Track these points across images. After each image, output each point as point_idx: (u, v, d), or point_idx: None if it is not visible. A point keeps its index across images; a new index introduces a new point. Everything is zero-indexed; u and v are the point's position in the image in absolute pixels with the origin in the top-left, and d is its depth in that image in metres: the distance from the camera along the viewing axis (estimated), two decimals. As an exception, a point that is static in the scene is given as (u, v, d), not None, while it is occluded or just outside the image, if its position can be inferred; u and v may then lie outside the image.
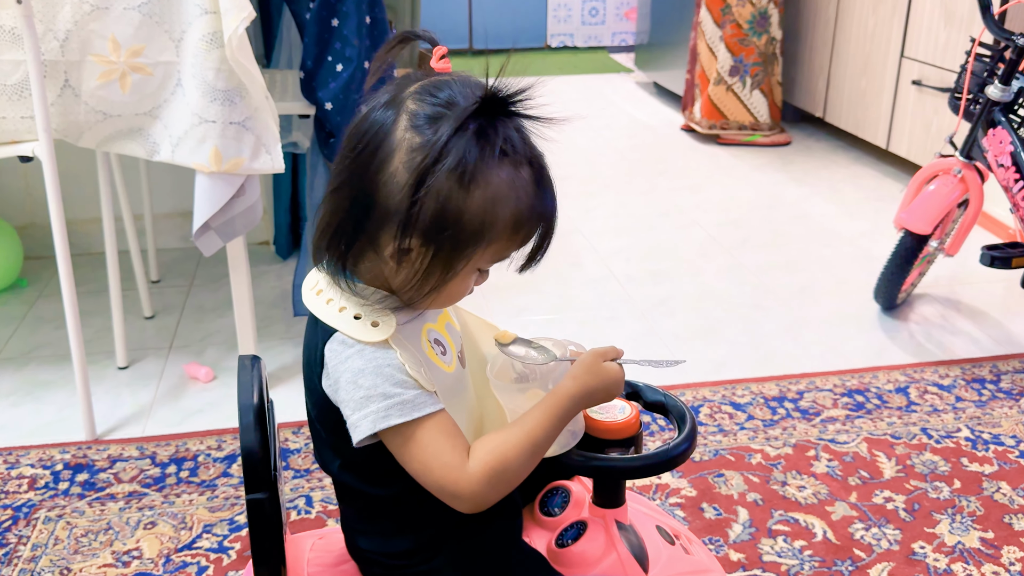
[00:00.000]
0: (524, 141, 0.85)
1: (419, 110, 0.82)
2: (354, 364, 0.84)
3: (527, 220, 0.85)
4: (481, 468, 0.84)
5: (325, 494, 1.70)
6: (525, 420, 0.87)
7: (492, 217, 0.83)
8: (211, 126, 1.72)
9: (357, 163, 0.83)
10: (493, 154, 0.81)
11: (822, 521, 1.63)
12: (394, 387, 0.84)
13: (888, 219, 2.97)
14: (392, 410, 0.83)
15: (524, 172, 0.84)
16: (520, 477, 0.86)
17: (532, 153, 0.85)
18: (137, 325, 2.35)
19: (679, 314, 2.43)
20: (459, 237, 0.82)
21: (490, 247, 0.85)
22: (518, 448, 0.85)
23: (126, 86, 1.73)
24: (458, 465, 0.84)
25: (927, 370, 2.15)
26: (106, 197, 2.04)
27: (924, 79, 3.23)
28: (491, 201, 0.82)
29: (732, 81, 3.80)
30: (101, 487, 1.73)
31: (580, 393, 0.88)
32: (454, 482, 0.84)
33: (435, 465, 0.84)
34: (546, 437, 0.87)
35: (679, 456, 0.94)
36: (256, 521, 0.89)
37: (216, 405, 2.00)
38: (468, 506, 0.85)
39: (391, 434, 0.84)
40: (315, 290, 0.90)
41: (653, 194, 3.38)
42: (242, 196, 1.80)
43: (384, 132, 0.82)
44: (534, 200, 0.85)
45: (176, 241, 2.78)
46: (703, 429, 1.91)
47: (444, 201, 0.81)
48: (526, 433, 0.86)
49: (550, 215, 0.88)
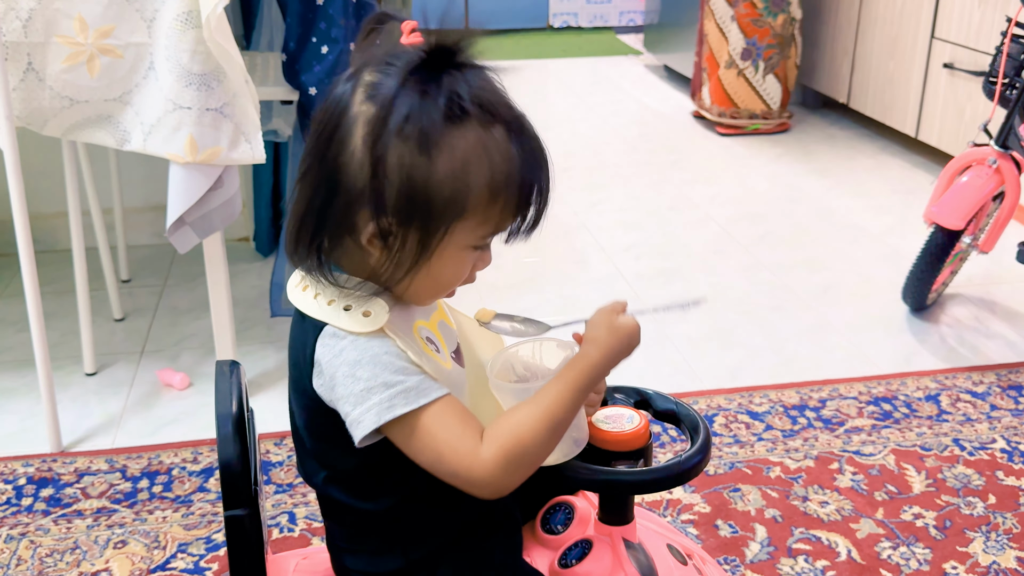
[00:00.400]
0: (486, 93, 0.83)
1: (374, 80, 0.82)
2: (349, 356, 0.84)
3: (505, 186, 0.84)
4: (496, 451, 0.83)
5: (309, 510, 1.70)
6: (543, 396, 0.86)
7: (463, 185, 0.82)
8: (186, 113, 1.72)
9: (319, 146, 0.84)
10: (445, 112, 0.80)
11: (846, 539, 1.64)
12: (395, 375, 0.83)
13: (917, 213, 2.98)
14: (396, 399, 0.83)
15: (497, 132, 0.83)
16: (540, 458, 0.86)
17: (505, 111, 0.84)
18: (106, 328, 2.35)
19: (692, 316, 2.43)
20: (429, 212, 0.82)
21: (470, 220, 0.84)
22: (536, 427, 0.84)
23: (94, 70, 1.73)
24: (471, 450, 0.83)
25: (960, 376, 2.15)
26: (72, 190, 2.04)
27: (956, 62, 3.23)
28: (460, 167, 0.81)
29: (744, 65, 3.80)
30: (67, 503, 1.73)
31: (604, 357, 0.87)
32: (468, 468, 0.83)
33: (447, 452, 0.83)
34: (566, 413, 0.86)
35: (692, 469, 0.94)
36: (235, 540, 0.89)
37: (192, 414, 2.00)
38: (487, 492, 0.85)
39: (397, 427, 0.84)
40: (300, 286, 0.90)
41: (664, 186, 3.38)
42: (220, 188, 1.80)
43: (342, 108, 0.83)
44: (511, 162, 0.83)
45: (148, 237, 2.78)
46: (718, 440, 1.91)
47: (408, 172, 0.81)
48: (544, 410, 0.85)
49: (533, 177, 0.85)
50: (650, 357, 2.23)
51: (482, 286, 0.84)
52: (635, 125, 4.10)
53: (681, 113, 4.24)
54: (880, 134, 3.91)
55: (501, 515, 1.00)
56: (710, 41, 3.80)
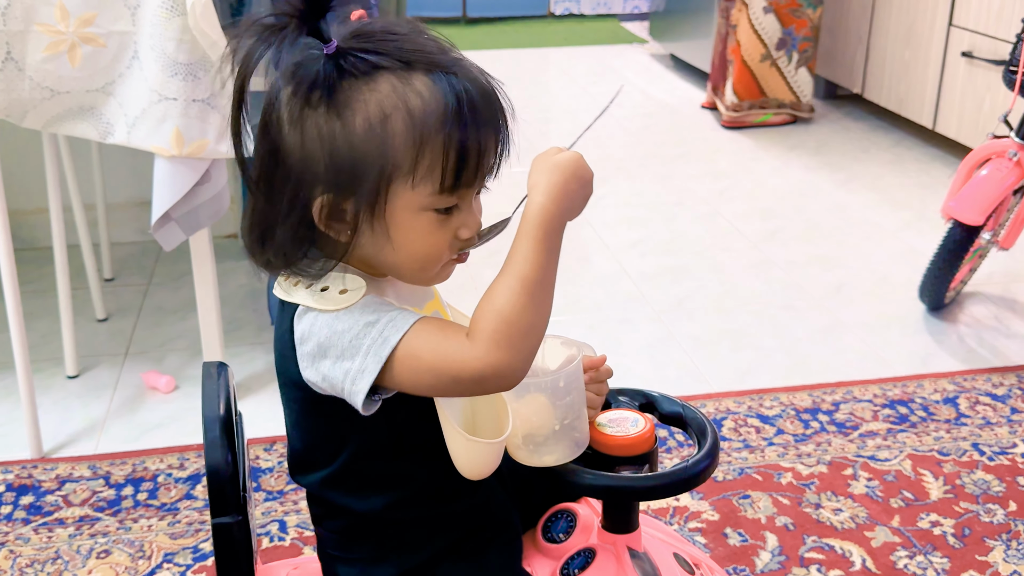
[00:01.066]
0: (398, 46, 0.82)
1: (292, 58, 0.83)
2: (325, 319, 0.85)
3: (432, 133, 0.82)
4: (484, 336, 0.81)
5: (300, 518, 1.70)
6: (507, 263, 0.83)
7: (384, 137, 0.81)
8: (172, 104, 1.72)
9: (263, 138, 0.85)
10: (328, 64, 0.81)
11: (861, 548, 1.64)
12: (375, 313, 0.84)
13: (935, 208, 2.98)
14: (387, 330, 0.83)
15: (415, 80, 0.82)
16: (534, 325, 0.82)
17: (419, 56, 0.83)
18: (89, 329, 2.35)
19: (700, 316, 2.44)
20: (364, 174, 0.82)
21: (409, 176, 0.82)
22: (512, 296, 0.81)
23: (76, 59, 1.73)
24: (459, 348, 0.82)
25: (979, 378, 2.15)
26: (53, 185, 2.04)
27: (975, 50, 3.23)
28: (377, 121, 0.81)
29: (778, 56, 3.81)
30: (48, 511, 1.73)
31: (551, 198, 0.83)
32: (463, 367, 0.81)
33: (442, 364, 0.82)
34: (538, 272, 0.82)
35: (699, 475, 0.94)
36: (223, 549, 0.90)
37: (178, 418, 2.01)
38: (496, 380, 0.82)
39: (393, 368, 0.82)
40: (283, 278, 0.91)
41: (671, 181, 3.38)
42: (207, 183, 1.80)
43: (273, 95, 0.84)
44: (434, 107, 0.81)
45: (132, 234, 2.78)
46: (727, 445, 1.91)
47: (328, 139, 0.82)
48: (512, 276, 0.82)
49: (465, 122, 0.82)
50: (656, 358, 2.23)
51: (482, 287, 0.84)
52: (640, 117, 4.10)
53: (689, 105, 4.24)
54: (895, 126, 3.91)
55: (499, 522, 1.00)
56: (739, 33, 3.79)
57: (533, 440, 0.94)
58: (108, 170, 2.58)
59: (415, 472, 0.91)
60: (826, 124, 3.99)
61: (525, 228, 0.83)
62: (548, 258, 0.83)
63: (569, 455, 0.94)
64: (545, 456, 0.94)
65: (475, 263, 1.00)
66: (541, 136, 3.76)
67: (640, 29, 5.77)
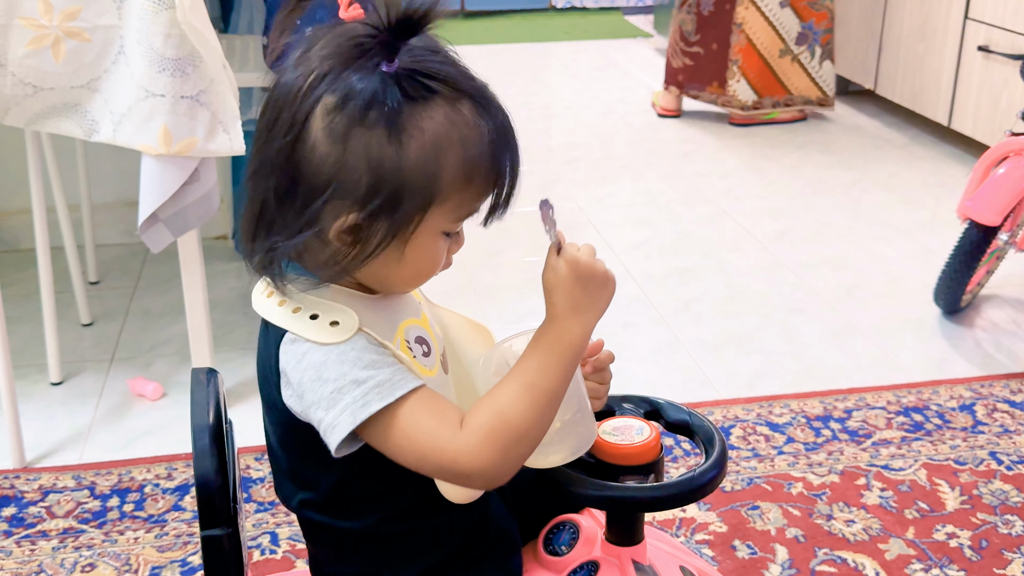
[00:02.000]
0: (448, 69, 0.83)
1: (329, 65, 0.82)
2: (314, 359, 0.84)
3: (480, 165, 0.84)
4: (479, 433, 0.82)
5: (293, 531, 1.70)
6: (517, 366, 0.85)
7: (436, 168, 0.82)
8: (159, 101, 1.72)
9: (273, 138, 0.84)
10: (411, 95, 0.81)
11: (874, 561, 1.64)
12: (365, 370, 0.83)
13: (950, 208, 2.97)
14: (371, 395, 0.83)
15: (464, 108, 0.83)
16: (530, 435, 0.84)
17: (469, 85, 0.84)
18: (73, 334, 2.35)
19: (707, 319, 2.44)
20: (403, 199, 0.82)
21: (445, 204, 0.84)
22: (515, 399, 0.83)
23: (60, 54, 1.73)
24: (451, 438, 0.82)
25: (996, 384, 2.15)
26: (36, 185, 2.04)
27: (992, 44, 3.23)
28: (431, 150, 0.82)
29: (799, 51, 3.82)
30: (31, 523, 1.73)
31: (559, 308, 0.86)
32: (453, 460, 0.82)
33: (428, 447, 0.82)
34: (546, 380, 0.84)
35: (707, 485, 0.94)
36: (213, 562, 0.89)
37: (165, 427, 2.00)
38: (480, 480, 0.83)
39: (372, 428, 0.83)
40: (265, 292, 0.90)
41: (676, 179, 3.38)
42: (196, 182, 1.80)
43: (294, 97, 0.83)
44: (482, 139, 0.84)
45: (118, 236, 2.78)
46: (735, 454, 1.91)
47: (377, 161, 0.81)
48: (518, 380, 0.84)
49: (505, 153, 0.86)
50: (661, 364, 2.23)
51: (480, 288, 0.84)
52: (645, 113, 4.10)
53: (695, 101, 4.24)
54: (909, 123, 3.91)
55: (497, 533, 1.00)
56: (749, 30, 3.79)
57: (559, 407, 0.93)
58: (93, 169, 2.58)
59: (405, 486, 0.91)
60: (837, 121, 3.99)
61: (544, 340, 0.86)
62: (562, 373, 0.85)
63: (576, 452, 0.93)
64: (551, 456, 0.93)
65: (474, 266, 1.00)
66: (542, 134, 3.76)
67: (645, 23, 5.77)
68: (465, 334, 1.03)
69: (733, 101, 3.88)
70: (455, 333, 1.02)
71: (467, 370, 1.01)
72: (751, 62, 3.82)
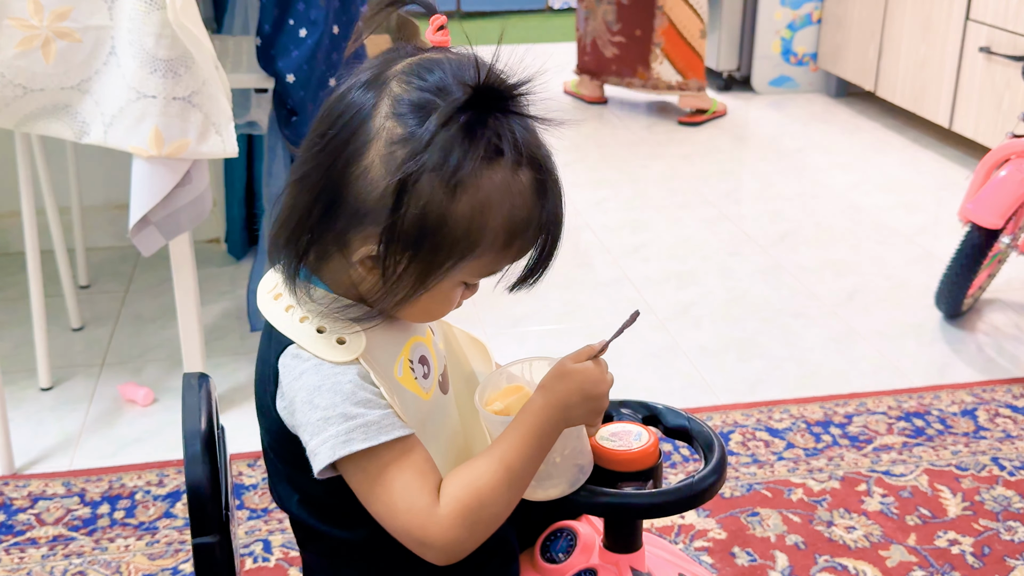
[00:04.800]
0: (525, 137, 0.84)
1: (403, 95, 0.82)
2: (309, 380, 0.85)
3: (522, 232, 0.86)
4: (454, 508, 0.84)
5: (286, 538, 1.70)
6: (497, 447, 0.87)
7: (479, 226, 0.83)
8: (151, 102, 1.71)
9: (327, 151, 0.84)
10: (482, 154, 0.81)
11: (875, 568, 1.64)
12: (355, 406, 0.84)
13: (952, 211, 2.98)
14: (355, 432, 0.83)
15: (523, 175, 0.84)
16: (499, 517, 0.87)
17: (534, 152, 0.85)
18: (63, 338, 2.34)
19: (706, 324, 2.44)
20: (439, 247, 0.83)
21: (476, 260, 0.85)
22: (494, 480, 0.85)
23: (50, 55, 1.72)
24: (427, 507, 0.84)
25: (999, 389, 2.15)
26: (26, 187, 2.03)
27: (994, 46, 3.24)
28: (480, 208, 0.82)
29: None
30: (20, 530, 1.73)
31: (552, 404, 0.88)
32: (421, 528, 0.84)
33: (401, 507, 0.84)
34: (523, 465, 0.87)
35: (706, 491, 0.94)
36: (204, 570, 0.89)
37: (156, 433, 2.00)
38: (441, 556, 0.85)
39: (351, 465, 0.84)
40: (273, 294, 0.90)
41: (675, 182, 3.38)
42: (188, 185, 1.80)
43: (361, 117, 0.83)
44: (532, 208, 0.85)
45: (109, 239, 2.78)
46: (734, 459, 1.91)
47: (425, 205, 0.81)
48: (499, 461, 0.86)
49: (552, 226, 0.87)
50: (660, 369, 2.23)
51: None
52: (643, 115, 4.10)
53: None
54: (910, 125, 3.92)
55: (495, 541, 1.00)
56: (669, 11, 3.88)
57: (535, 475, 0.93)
58: (84, 172, 2.58)
59: None
60: (837, 123, 4.00)
61: (522, 419, 0.88)
62: (534, 454, 0.88)
63: (575, 484, 0.93)
64: (550, 489, 0.93)
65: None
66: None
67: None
68: (464, 348, 1.04)
69: (659, 83, 3.98)
70: (455, 347, 1.03)
71: (466, 383, 1.02)
72: (673, 43, 3.90)
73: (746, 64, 4.38)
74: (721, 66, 4.38)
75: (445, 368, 0.98)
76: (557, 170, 0.87)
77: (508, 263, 0.88)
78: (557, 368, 0.90)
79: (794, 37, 4.28)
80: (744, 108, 4.22)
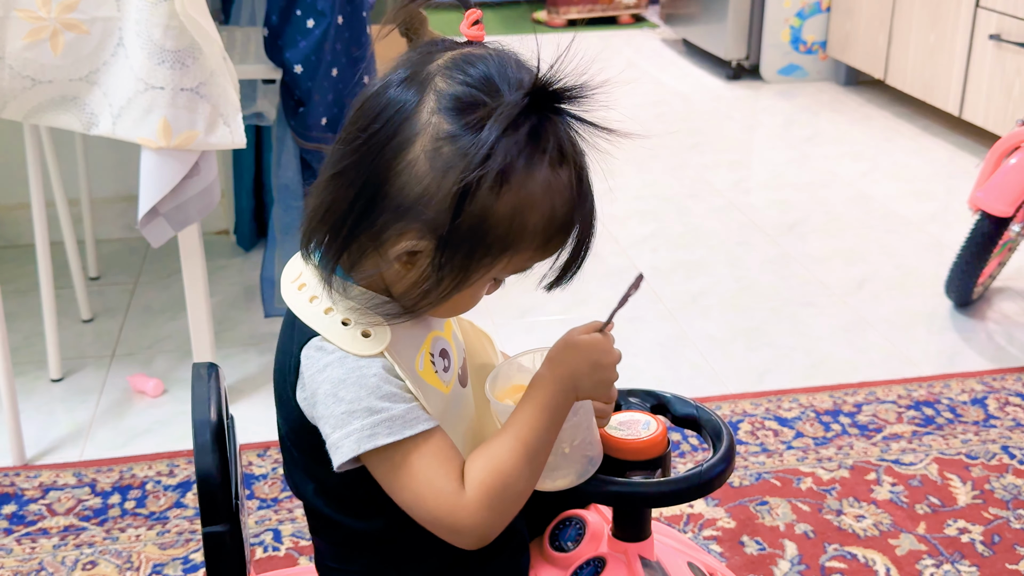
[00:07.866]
0: (562, 136, 0.84)
1: (449, 90, 0.82)
2: (333, 373, 0.85)
3: (559, 230, 0.86)
4: (479, 491, 0.84)
5: (296, 527, 1.70)
6: (511, 425, 0.87)
7: (520, 225, 0.83)
8: (159, 93, 1.72)
9: (370, 145, 0.83)
10: (540, 159, 0.81)
11: (885, 557, 1.64)
12: (381, 400, 0.84)
13: (962, 199, 2.97)
14: (379, 427, 0.83)
15: (563, 175, 0.84)
16: (523, 495, 0.87)
17: (577, 157, 0.86)
18: (73, 330, 2.35)
19: (715, 313, 2.43)
20: (480, 244, 0.83)
21: (514, 257, 0.85)
22: (513, 458, 0.85)
23: (58, 47, 1.73)
24: (454, 492, 0.84)
25: (1009, 378, 2.14)
26: (35, 179, 2.04)
27: (1004, 33, 3.22)
28: (522, 206, 0.82)
29: None
30: (32, 520, 1.74)
31: (561, 375, 0.88)
32: (451, 514, 0.84)
33: (428, 495, 0.84)
34: (539, 438, 0.86)
35: (714, 480, 0.94)
36: (215, 559, 0.90)
37: (166, 423, 2.01)
38: (472, 540, 0.85)
39: (377, 458, 0.85)
40: (297, 283, 0.90)
41: (683, 171, 3.38)
42: (196, 176, 1.80)
43: (406, 113, 0.82)
44: (571, 207, 0.85)
45: (118, 231, 2.78)
46: (743, 448, 1.91)
47: (484, 211, 0.81)
48: (516, 438, 0.86)
49: (588, 225, 0.88)
50: (669, 358, 2.23)
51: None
52: (651, 105, 4.09)
53: (703, 92, 4.24)
54: (920, 113, 3.90)
55: (506, 532, 1.00)
56: None
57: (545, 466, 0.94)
58: (93, 163, 2.58)
59: None
60: (846, 112, 3.98)
61: (532, 393, 0.88)
62: (549, 427, 0.87)
63: (584, 475, 0.94)
64: (559, 480, 0.93)
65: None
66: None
67: (651, 13, 5.76)
68: (476, 340, 1.04)
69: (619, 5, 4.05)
70: (470, 339, 1.04)
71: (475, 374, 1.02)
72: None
73: (755, 53, 4.36)
74: (730, 55, 4.36)
75: (464, 361, 0.98)
76: (589, 168, 0.88)
77: (543, 260, 0.88)
78: (564, 339, 0.90)
79: (803, 25, 4.26)
80: (753, 97, 4.21)
